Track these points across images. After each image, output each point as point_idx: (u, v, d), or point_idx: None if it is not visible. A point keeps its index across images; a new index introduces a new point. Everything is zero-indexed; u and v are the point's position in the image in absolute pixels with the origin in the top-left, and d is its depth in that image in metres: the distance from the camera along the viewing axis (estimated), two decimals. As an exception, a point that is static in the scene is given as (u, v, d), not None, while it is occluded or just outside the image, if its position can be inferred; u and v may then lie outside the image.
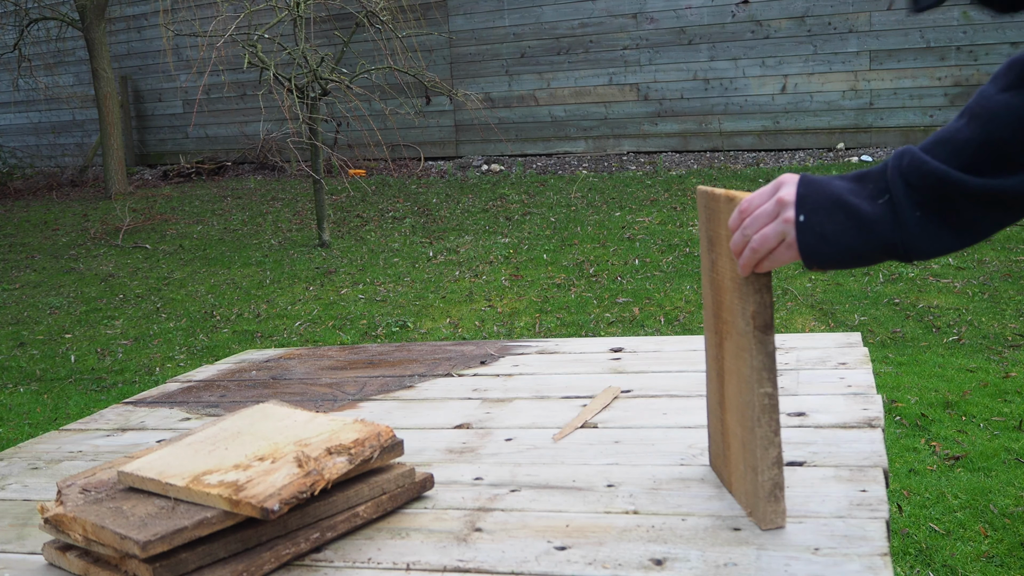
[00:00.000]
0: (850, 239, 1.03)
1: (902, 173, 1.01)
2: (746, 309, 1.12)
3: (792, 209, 1.05)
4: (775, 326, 1.29)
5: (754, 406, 1.13)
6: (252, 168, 10.98)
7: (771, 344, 1.12)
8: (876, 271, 5.47)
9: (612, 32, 9.13)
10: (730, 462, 1.26)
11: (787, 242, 1.06)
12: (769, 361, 1.12)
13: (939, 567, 2.64)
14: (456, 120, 9.93)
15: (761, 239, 1.07)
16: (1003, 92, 1.00)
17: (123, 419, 1.91)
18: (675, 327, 4.96)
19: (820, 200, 1.04)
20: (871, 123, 8.22)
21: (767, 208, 1.07)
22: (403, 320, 5.50)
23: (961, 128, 1.01)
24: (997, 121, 0.98)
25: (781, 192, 1.07)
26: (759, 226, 1.08)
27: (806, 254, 1.05)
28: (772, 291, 1.14)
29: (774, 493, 1.14)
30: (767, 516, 1.15)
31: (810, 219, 1.04)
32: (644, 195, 7.69)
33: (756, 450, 1.14)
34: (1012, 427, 3.50)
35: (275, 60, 7.14)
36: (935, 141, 1.02)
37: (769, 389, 1.12)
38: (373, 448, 1.25)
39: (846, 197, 1.03)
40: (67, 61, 12.24)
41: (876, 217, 1.02)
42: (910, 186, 1.01)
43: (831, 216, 1.03)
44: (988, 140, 0.98)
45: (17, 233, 9.22)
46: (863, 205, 1.02)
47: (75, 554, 1.19)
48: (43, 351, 5.72)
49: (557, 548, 1.15)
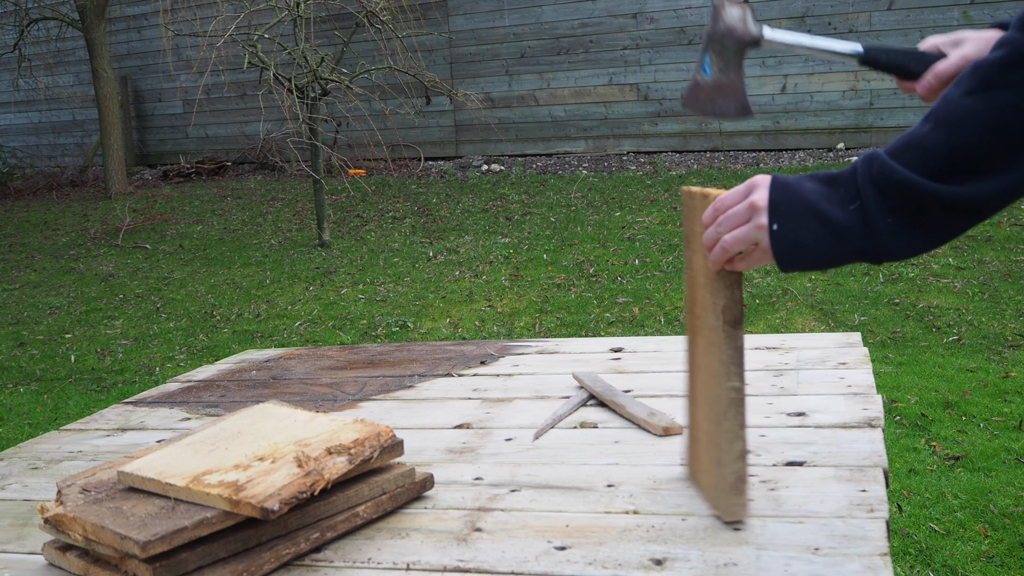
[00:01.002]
0: (823, 246, 1.05)
1: (872, 179, 1.02)
2: (717, 303, 1.14)
3: (765, 215, 1.07)
4: (775, 326, 1.30)
5: (721, 400, 1.15)
6: (252, 168, 10.98)
7: (740, 339, 1.14)
8: (876, 271, 5.47)
9: (612, 32, 9.13)
10: (698, 457, 1.28)
11: (761, 247, 1.08)
12: (737, 356, 1.14)
13: (939, 567, 2.64)
14: (456, 120, 9.93)
15: (732, 239, 1.09)
16: (967, 96, 1.00)
17: (123, 419, 1.91)
18: (675, 327, 4.96)
19: (793, 207, 1.06)
20: (871, 123, 8.22)
21: (739, 210, 1.10)
22: (403, 320, 5.50)
23: (928, 133, 1.01)
24: (964, 127, 0.99)
25: (753, 196, 1.09)
26: (731, 226, 1.10)
27: (781, 260, 1.07)
28: (743, 287, 1.16)
29: (737, 486, 1.15)
30: (729, 508, 1.16)
31: (784, 227, 1.06)
32: (644, 195, 7.69)
33: (721, 443, 1.15)
34: (1012, 427, 3.50)
35: (275, 60, 7.15)
36: (903, 146, 1.02)
37: (736, 383, 1.14)
38: (373, 448, 1.25)
39: (818, 204, 1.05)
40: (67, 61, 12.24)
41: (848, 224, 1.03)
42: (881, 192, 1.02)
43: (804, 224, 1.05)
44: (956, 146, 0.99)
45: (17, 233, 9.22)
46: (835, 212, 1.04)
47: (75, 554, 1.19)
48: (43, 351, 5.72)
49: (557, 548, 1.15)
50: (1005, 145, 0.98)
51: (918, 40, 7.90)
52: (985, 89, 0.99)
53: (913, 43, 7.97)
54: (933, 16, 7.88)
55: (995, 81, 0.98)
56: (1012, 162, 0.98)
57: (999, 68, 0.98)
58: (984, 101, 0.98)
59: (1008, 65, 0.98)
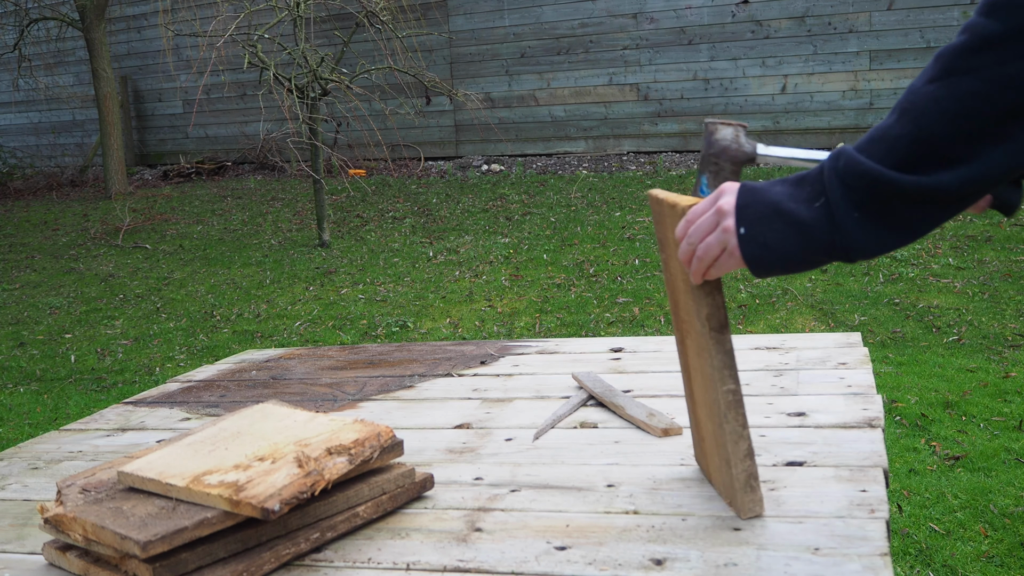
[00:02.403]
0: (790, 245, 1.03)
1: (838, 174, 1.01)
2: (700, 311, 1.15)
3: (731, 218, 1.06)
4: (775, 326, 1.31)
5: (719, 403, 1.16)
6: (252, 168, 10.98)
7: (728, 342, 1.14)
8: (876, 271, 5.47)
9: (612, 32, 9.13)
10: (707, 454, 1.29)
11: (728, 250, 1.07)
12: (728, 359, 1.15)
13: (939, 567, 2.64)
14: (456, 120, 9.93)
15: (705, 248, 1.09)
16: (929, 84, 0.98)
17: (123, 419, 1.91)
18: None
19: (759, 209, 1.05)
20: (871, 123, 8.21)
21: (708, 219, 1.09)
22: (403, 320, 5.50)
23: (892, 124, 0.99)
24: (926, 116, 0.97)
25: (721, 201, 1.08)
26: (702, 235, 1.09)
27: (751, 263, 1.06)
28: (723, 290, 1.17)
29: (749, 483, 1.17)
30: (745, 506, 1.17)
31: (751, 230, 1.05)
32: (644, 195, 7.69)
33: (727, 444, 1.17)
34: (1012, 427, 3.50)
35: (275, 60, 7.15)
36: (870, 139, 1.01)
37: (732, 386, 1.15)
38: (373, 448, 1.25)
39: (784, 204, 1.04)
40: (67, 61, 12.24)
41: (813, 221, 1.02)
42: (847, 186, 1.00)
43: (771, 225, 1.04)
44: (919, 136, 0.97)
45: (17, 233, 9.22)
46: (800, 210, 1.03)
47: (75, 554, 1.19)
48: (43, 351, 5.72)
49: (557, 548, 1.15)
50: (969, 133, 0.95)
51: (918, 40, 7.92)
52: (947, 76, 0.96)
53: (913, 43, 7.98)
54: (933, 16, 7.87)
55: (957, 68, 0.96)
56: (977, 151, 0.95)
57: (961, 54, 0.96)
58: (946, 88, 0.96)
59: (970, 50, 0.95)
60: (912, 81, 1.01)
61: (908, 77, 8.03)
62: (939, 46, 7.86)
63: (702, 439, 1.29)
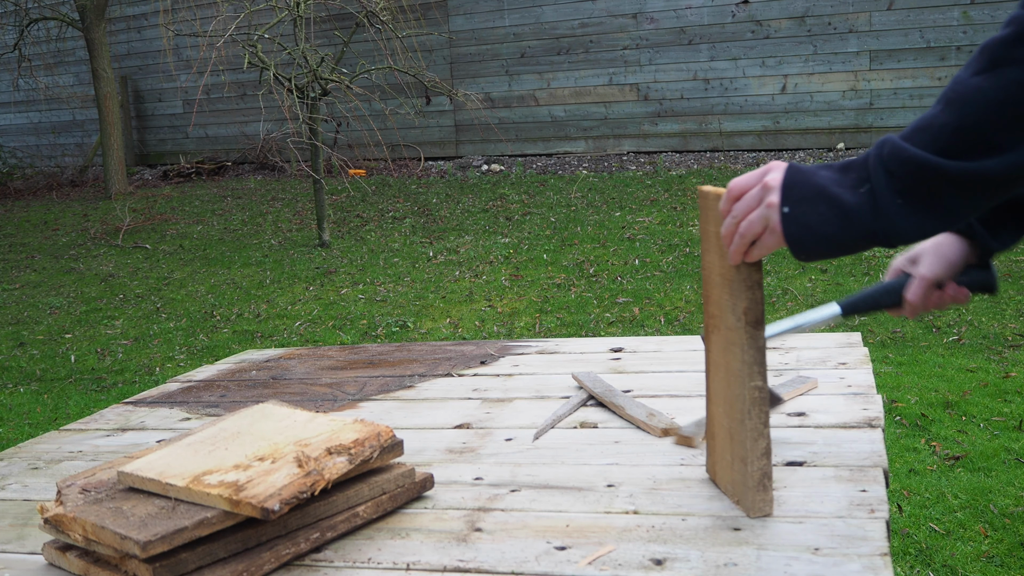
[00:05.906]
0: (833, 228, 1.04)
1: (883, 161, 1.03)
2: (737, 305, 1.14)
3: (776, 194, 1.07)
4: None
5: (744, 399, 1.15)
6: (252, 168, 10.98)
7: (761, 339, 1.14)
8: (876, 271, 5.47)
9: (612, 32, 9.13)
10: (715, 451, 1.28)
11: (771, 227, 1.08)
12: (760, 356, 1.14)
13: (939, 567, 2.64)
14: (456, 120, 9.93)
15: (748, 225, 1.09)
16: (975, 76, 1.00)
17: (123, 419, 1.91)
18: (675, 327, 4.96)
19: (805, 191, 1.06)
20: (871, 123, 8.22)
21: (754, 193, 1.09)
22: (403, 320, 5.50)
23: (938, 114, 1.01)
24: (971, 104, 0.99)
25: (768, 177, 1.09)
26: (746, 210, 1.10)
27: (792, 243, 1.06)
28: (763, 288, 1.16)
29: (763, 482, 1.17)
30: (756, 504, 1.17)
31: (795, 210, 1.06)
32: (644, 195, 7.69)
33: (746, 441, 1.16)
34: (1012, 427, 3.50)
35: (275, 60, 7.14)
36: (914, 128, 1.03)
37: (759, 383, 1.15)
38: (373, 448, 1.25)
39: (829, 188, 1.05)
40: (67, 61, 12.24)
41: (857, 206, 1.03)
42: (890, 173, 1.02)
43: (814, 206, 1.05)
44: (963, 124, 0.99)
45: (17, 233, 9.22)
46: (845, 195, 1.04)
47: (75, 554, 1.19)
48: (43, 351, 5.72)
49: (557, 548, 1.15)
50: (1013, 121, 0.97)
51: (918, 40, 7.92)
52: (992, 67, 0.99)
53: (913, 43, 7.98)
54: (933, 16, 7.87)
55: (1002, 58, 0.98)
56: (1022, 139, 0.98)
57: (1006, 45, 0.99)
58: (992, 79, 0.98)
59: (1015, 42, 0.98)
60: (958, 72, 1.03)
61: (908, 77, 8.03)
62: (939, 46, 7.87)
63: (717, 437, 1.28)
